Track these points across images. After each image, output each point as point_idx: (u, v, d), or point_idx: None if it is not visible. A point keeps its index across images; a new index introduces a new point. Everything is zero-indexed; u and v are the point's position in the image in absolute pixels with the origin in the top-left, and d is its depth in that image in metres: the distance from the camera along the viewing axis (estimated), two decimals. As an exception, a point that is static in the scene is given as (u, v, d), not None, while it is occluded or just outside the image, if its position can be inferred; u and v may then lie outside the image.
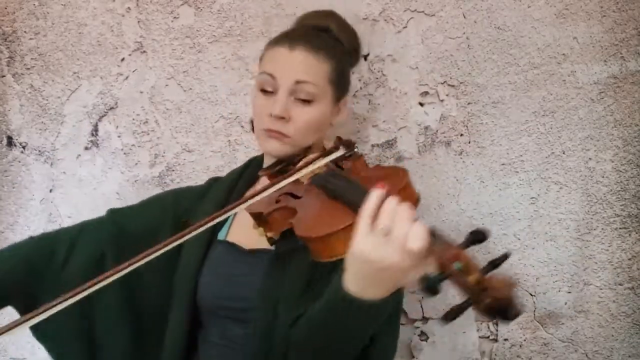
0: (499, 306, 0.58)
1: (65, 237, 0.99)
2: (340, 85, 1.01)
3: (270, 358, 0.83)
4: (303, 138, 0.96)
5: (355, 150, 0.96)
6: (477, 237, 0.63)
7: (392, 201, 0.65)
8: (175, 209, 1.04)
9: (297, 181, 0.90)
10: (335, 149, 0.93)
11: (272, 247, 0.90)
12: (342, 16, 1.10)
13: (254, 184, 1.05)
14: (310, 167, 0.89)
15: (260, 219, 0.87)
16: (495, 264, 0.61)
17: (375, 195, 0.66)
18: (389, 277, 0.65)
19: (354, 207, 0.69)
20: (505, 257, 0.62)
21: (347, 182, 0.81)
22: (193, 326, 0.96)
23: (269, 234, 0.88)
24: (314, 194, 0.85)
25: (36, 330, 0.93)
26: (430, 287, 0.58)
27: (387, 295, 0.68)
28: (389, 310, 0.74)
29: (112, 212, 1.05)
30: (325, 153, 0.92)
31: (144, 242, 0.97)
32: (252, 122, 1.08)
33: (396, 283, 0.67)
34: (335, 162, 0.92)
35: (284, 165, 0.96)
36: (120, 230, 1.00)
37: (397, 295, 0.90)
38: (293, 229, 0.81)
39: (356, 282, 0.68)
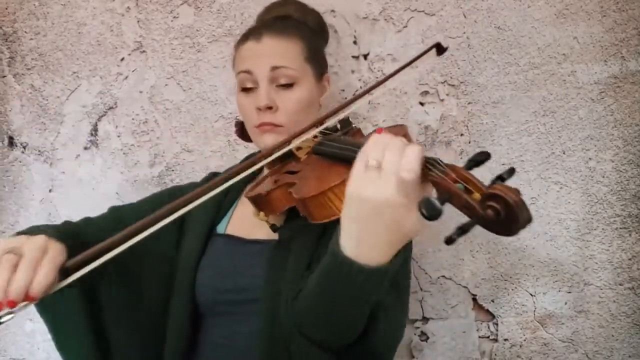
0: (508, 211, 0.54)
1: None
2: (317, 62, 1.00)
3: (275, 345, 0.80)
4: (296, 122, 0.93)
5: (353, 126, 0.96)
6: (479, 157, 0.60)
7: (383, 137, 0.61)
8: (171, 200, 1.03)
9: (294, 158, 0.90)
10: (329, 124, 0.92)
11: (273, 238, 0.90)
12: (300, 1, 1.10)
13: (253, 179, 1.03)
14: (305, 136, 0.86)
15: (260, 200, 0.86)
16: (501, 178, 0.57)
17: (371, 139, 0.61)
18: (388, 219, 0.59)
19: (352, 162, 0.65)
20: (512, 171, 0.58)
21: (344, 143, 0.80)
22: (194, 328, 0.95)
23: (271, 219, 0.87)
24: (313, 162, 0.84)
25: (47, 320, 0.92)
26: (430, 207, 0.54)
27: (387, 253, 0.62)
28: (390, 275, 0.64)
29: (114, 209, 1.04)
30: (319, 123, 0.90)
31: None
32: (236, 125, 1.07)
33: (397, 231, 0.60)
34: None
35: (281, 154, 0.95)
36: (121, 223, 0.97)
37: (404, 260, 0.87)
38: (294, 204, 0.80)
39: (353, 235, 0.62)
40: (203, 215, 0.99)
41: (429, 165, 0.60)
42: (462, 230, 0.55)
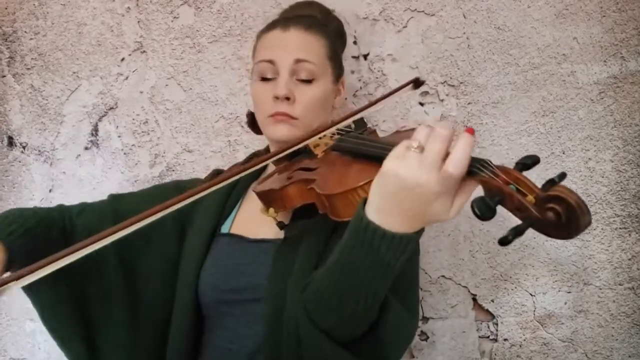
0: (570, 214, 0.52)
1: (68, 210, 0.97)
2: (337, 63, 1.00)
3: (282, 346, 0.77)
4: (310, 118, 0.93)
5: (368, 127, 0.96)
6: (528, 160, 0.60)
7: (436, 127, 0.61)
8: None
9: (310, 155, 0.89)
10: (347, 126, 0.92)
11: (279, 237, 0.88)
12: (323, 5, 1.11)
13: (259, 176, 1.02)
14: (323, 133, 0.85)
15: (272, 196, 0.85)
16: (553, 181, 0.56)
17: (420, 128, 0.61)
18: (415, 200, 0.60)
19: (380, 160, 0.64)
20: (563, 175, 0.57)
21: (369, 140, 0.79)
22: (197, 330, 0.94)
23: (279, 217, 0.86)
24: (332, 159, 0.84)
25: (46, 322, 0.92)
26: (485, 207, 0.54)
27: (409, 228, 0.63)
28: (411, 246, 0.64)
29: (113, 197, 1.03)
30: (336, 123, 0.88)
31: (144, 231, 0.97)
32: (248, 116, 1.06)
33: (422, 212, 0.61)
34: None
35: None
36: (119, 215, 0.95)
37: (414, 260, 0.86)
38: (311, 200, 0.79)
39: (379, 204, 0.62)
40: (207, 215, 0.99)
41: (479, 166, 0.60)
42: (517, 231, 0.54)
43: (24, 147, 1.44)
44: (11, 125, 1.44)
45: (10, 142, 1.45)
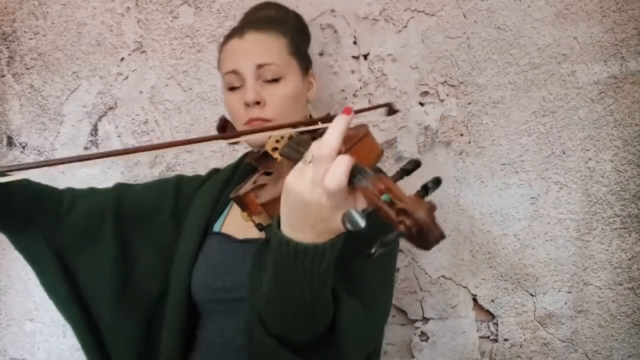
0: (418, 229, 0.52)
1: (72, 191, 1.05)
2: (302, 57, 1.00)
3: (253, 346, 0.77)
4: (284, 117, 0.93)
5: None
6: (409, 166, 0.59)
7: (326, 138, 0.60)
8: (176, 195, 1.06)
9: (273, 159, 0.88)
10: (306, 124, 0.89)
11: (262, 237, 0.88)
12: (280, 3, 1.10)
13: (250, 175, 1.02)
14: (279, 133, 0.83)
15: (240, 202, 0.85)
16: (426, 188, 0.56)
17: (316, 141, 0.60)
18: (316, 215, 0.60)
19: None
20: (437, 181, 0.56)
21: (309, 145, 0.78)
22: (192, 326, 0.96)
23: (255, 219, 0.86)
24: (283, 165, 0.83)
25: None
26: (351, 222, 0.54)
27: (319, 238, 0.62)
28: (330, 255, 0.64)
29: (120, 186, 1.08)
30: (297, 124, 0.87)
31: (142, 219, 1.02)
32: (220, 120, 1.05)
33: (326, 226, 0.61)
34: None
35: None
36: (121, 202, 1.03)
37: (381, 258, 0.85)
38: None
39: (287, 220, 0.63)
40: (199, 212, 1.00)
41: (359, 176, 0.59)
42: (382, 244, 0.53)
43: (23, 147, 1.44)
44: (11, 125, 1.44)
45: (10, 142, 1.45)
